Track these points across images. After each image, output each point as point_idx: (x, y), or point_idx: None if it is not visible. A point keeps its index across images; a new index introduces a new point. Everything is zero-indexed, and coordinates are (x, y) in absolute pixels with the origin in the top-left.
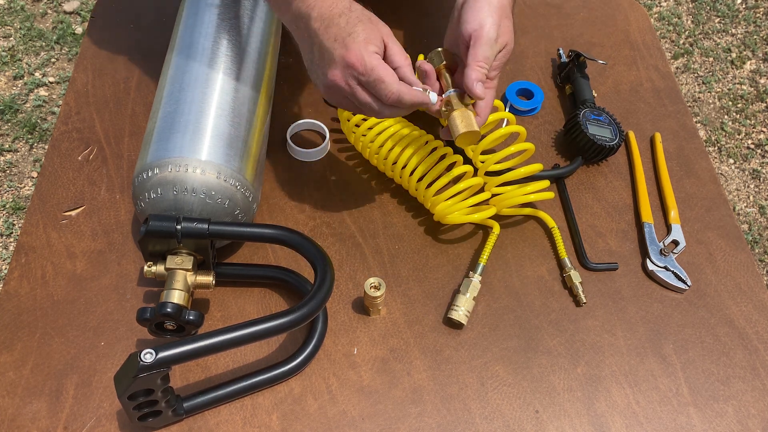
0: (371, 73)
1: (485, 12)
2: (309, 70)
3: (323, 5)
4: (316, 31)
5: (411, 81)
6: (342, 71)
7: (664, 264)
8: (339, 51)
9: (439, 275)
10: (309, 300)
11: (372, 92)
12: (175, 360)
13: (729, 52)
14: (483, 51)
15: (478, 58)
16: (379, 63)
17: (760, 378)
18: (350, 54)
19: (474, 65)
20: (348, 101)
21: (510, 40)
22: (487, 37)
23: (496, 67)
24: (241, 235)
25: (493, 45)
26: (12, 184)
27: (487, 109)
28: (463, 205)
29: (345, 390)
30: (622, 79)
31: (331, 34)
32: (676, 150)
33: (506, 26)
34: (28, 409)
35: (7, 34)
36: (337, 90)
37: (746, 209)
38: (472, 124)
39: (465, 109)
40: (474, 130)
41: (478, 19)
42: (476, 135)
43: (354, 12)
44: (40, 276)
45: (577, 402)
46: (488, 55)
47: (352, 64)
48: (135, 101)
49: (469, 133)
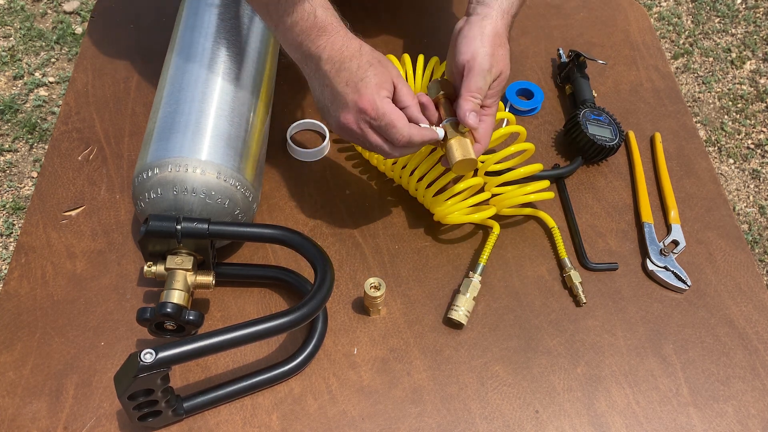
0: (383, 118)
1: (478, 42)
2: (320, 107)
3: (333, 47)
4: (327, 74)
5: (419, 119)
6: (354, 116)
7: (664, 264)
8: (351, 96)
9: (439, 275)
10: (309, 300)
11: (383, 135)
12: (175, 360)
13: (729, 52)
14: (476, 82)
15: (471, 88)
16: (390, 108)
17: (760, 378)
18: (363, 100)
19: (467, 96)
20: (359, 141)
21: (505, 68)
22: (479, 68)
23: (491, 95)
24: (241, 235)
25: (486, 75)
26: (12, 184)
27: (487, 136)
28: (463, 205)
29: (345, 390)
30: (622, 79)
31: (342, 78)
32: (676, 150)
33: (501, 55)
34: (28, 409)
35: (7, 34)
36: (349, 132)
37: (746, 209)
38: (469, 152)
39: (462, 138)
40: (470, 158)
41: (471, 50)
42: (473, 163)
43: (364, 55)
44: (40, 276)
45: (577, 402)
46: (481, 86)
47: (365, 109)
48: (135, 101)
49: (465, 161)
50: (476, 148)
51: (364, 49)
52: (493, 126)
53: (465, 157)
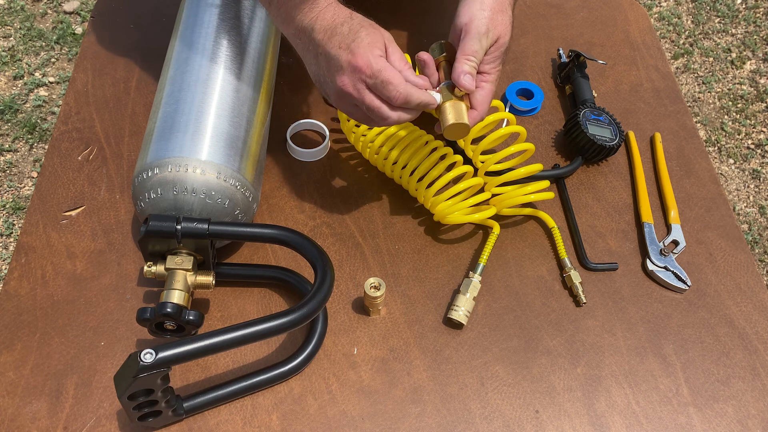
0: (378, 75)
1: (477, 6)
2: (317, 82)
3: (325, 16)
4: (320, 42)
5: (414, 82)
6: (350, 76)
7: (664, 264)
8: (345, 57)
9: (439, 275)
10: (309, 300)
11: (380, 95)
12: (175, 360)
13: (729, 52)
14: (471, 44)
15: (466, 50)
16: (385, 65)
17: (760, 378)
18: (357, 58)
19: (462, 58)
20: (357, 109)
21: (504, 33)
22: (475, 30)
23: (489, 60)
24: (241, 235)
25: (482, 38)
26: (12, 184)
27: (484, 103)
28: (463, 205)
29: (345, 390)
30: (622, 79)
31: (335, 43)
32: (676, 150)
33: (500, 20)
34: (28, 409)
35: (7, 34)
36: (347, 97)
37: (746, 209)
38: (462, 116)
39: (458, 101)
40: (463, 122)
41: (470, 13)
42: (465, 128)
43: (355, 19)
44: (40, 276)
45: (577, 402)
46: (476, 48)
47: (360, 67)
48: (135, 101)
49: (457, 125)
50: (472, 115)
51: (355, 15)
52: (491, 94)
53: (457, 121)
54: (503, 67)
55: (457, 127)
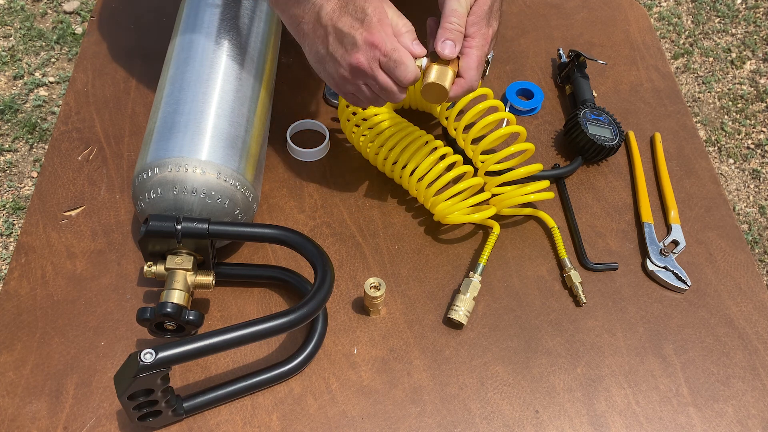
0: (393, 53)
1: None
2: (319, 63)
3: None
4: (329, 20)
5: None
6: (365, 54)
7: (664, 264)
8: (360, 33)
9: (439, 275)
10: (309, 300)
11: (390, 74)
12: (175, 360)
13: (729, 52)
14: (450, 4)
15: (446, 13)
16: (399, 45)
17: (760, 378)
18: (373, 36)
19: (443, 23)
20: (360, 91)
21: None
22: None
23: (473, 22)
24: (241, 235)
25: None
26: (12, 184)
27: (470, 70)
28: (463, 205)
29: (345, 390)
30: (622, 79)
31: (346, 21)
32: (676, 150)
33: None
34: (28, 409)
35: (7, 34)
36: (360, 74)
37: (746, 209)
38: (444, 79)
39: (443, 66)
40: (441, 85)
41: None
42: (443, 92)
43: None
44: (40, 276)
45: (577, 402)
46: (455, 8)
47: (377, 44)
48: (135, 101)
49: (435, 86)
50: (459, 83)
51: None
52: (478, 60)
53: (436, 82)
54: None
55: (434, 88)
